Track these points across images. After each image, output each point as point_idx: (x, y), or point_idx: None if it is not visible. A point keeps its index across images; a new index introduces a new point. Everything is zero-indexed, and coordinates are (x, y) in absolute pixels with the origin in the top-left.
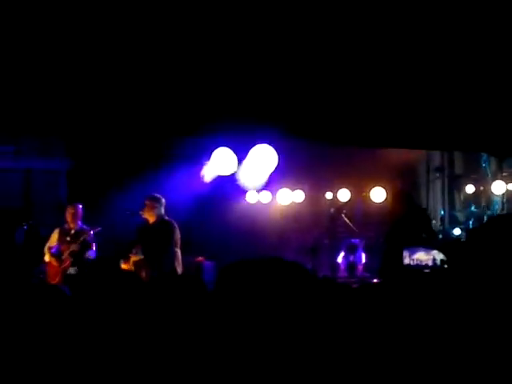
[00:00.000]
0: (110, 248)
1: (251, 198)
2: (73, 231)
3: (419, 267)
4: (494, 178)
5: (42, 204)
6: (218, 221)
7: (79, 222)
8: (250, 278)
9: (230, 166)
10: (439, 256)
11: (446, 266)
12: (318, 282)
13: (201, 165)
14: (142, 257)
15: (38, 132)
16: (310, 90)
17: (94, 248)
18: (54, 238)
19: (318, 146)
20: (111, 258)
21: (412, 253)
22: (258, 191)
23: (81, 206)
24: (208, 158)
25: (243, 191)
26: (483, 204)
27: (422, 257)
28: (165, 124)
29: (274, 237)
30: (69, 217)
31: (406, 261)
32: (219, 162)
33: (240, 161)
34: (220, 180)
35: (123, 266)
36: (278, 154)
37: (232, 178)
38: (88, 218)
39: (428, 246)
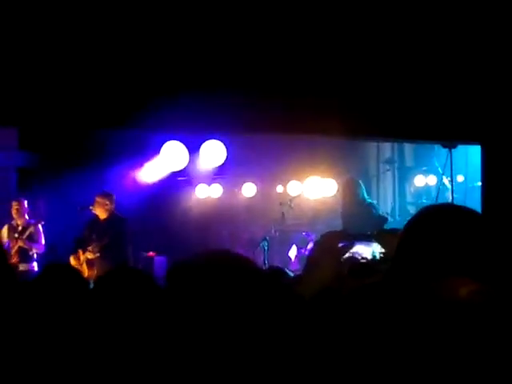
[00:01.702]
0: (60, 243)
1: (202, 192)
2: (20, 227)
3: (355, 260)
4: (444, 170)
5: None
6: (169, 215)
7: (26, 217)
8: (199, 274)
9: (180, 161)
10: (378, 249)
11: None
12: (267, 274)
13: (150, 159)
14: (97, 254)
15: None
16: (261, 79)
17: (43, 242)
18: (4, 234)
19: (267, 139)
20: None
21: (354, 246)
22: (209, 184)
23: (26, 201)
24: (157, 151)
25: (193, 185)
26: (434, 196)
27: (362, 249)
28: (113, 117)
29: (225, 231)
30: (14, 213)
31: (350, 253)
32: (169, 157)
33: (190, 154)
34: (170, 174)
35: (72, 261)
36: (228, 147)
37: (182, 171)
38: (36, 214)
39: (369, 240)
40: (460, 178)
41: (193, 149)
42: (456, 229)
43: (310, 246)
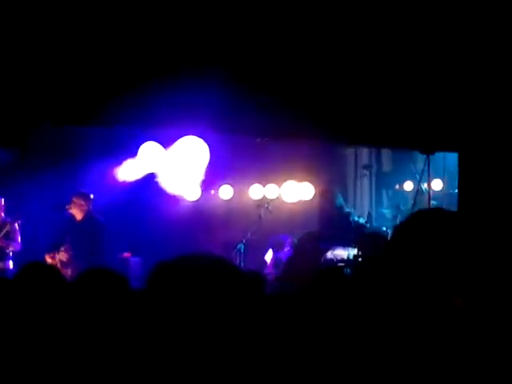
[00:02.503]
0: (36, 241)
1: (178, 193)
2: None
3: (337, 262)
4: (421, 176)
5: None
6: (145, 216)
7: (2, 215)
8: (181, 275)
9: (158, 162)
10: (353, 251)
11: (359, 259)
12: (247, 277)
13: (127, 159)
14: (70, 253)
15: None
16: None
17: (19, 240)
18: None
19: (244, 141)
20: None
21: (333, 250)
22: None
23: (2, 199)
24: (135, 150)
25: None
26: (411, 202)
27: (340, 252)
28: (91, 114)
29: (200, 233)
30: None
31: (329, 256)
32: (146, 158)
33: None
34: (147, 175)
35: (48, 260)
36: (208, 146)
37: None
38: (12, 212)
39: (345, 243)
40: (438, 185)
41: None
42: (447, 233)
43: (286, 249)
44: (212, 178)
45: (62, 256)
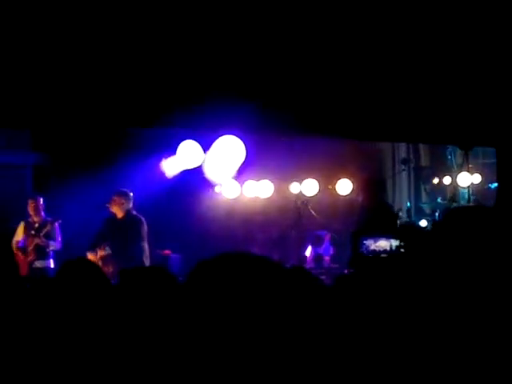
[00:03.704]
0: (76, 241)
1: (217, 190)
2: (37, 224)
3: (379, 253)
4: (460, 170)
5: (6, 199)
6: (185, 214)
7: (43, 215)
8: (225, 273)
9: (196, 159)
10: (395, 243)
11: (402, 250)
12: (289, 273)
13: (165, 157)
14: (109, 252)
15: (3, 125)
16: (279, 79)
17: (59, 239)
18: (20, 231)
19: (283, 138)
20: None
21: (375, 241)
22: (225, 183)
23: (41, 199)
24: (173, 149)
25: (210, 184)
26: (449, 196)
27: (383, 243)
28: (130, 114)
29: (240, 230)
30: (30, 210)
31: (372, 247)
32: (185, 155)
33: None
34: (186, 172)
35: (90, 257)
36: (244, 145)
37: (198, 170)
38: (54, 211)
39: (388, 235)
40: (477, 179)
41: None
42: (485, 230)
43: (325, 244)
44: (249, 175)
45: (102, 254)
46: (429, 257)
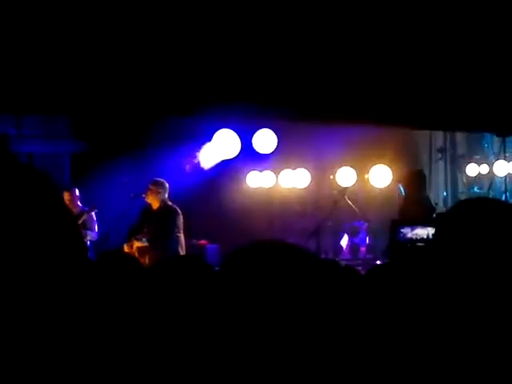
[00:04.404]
0: (113, 230)
1: (253, 180)
2: (73, 215)
3: (416, 241)
4: (497, 159)
5: None
6: (221, 204)
7: (79, 205)
8: (256, 262)
9: (233, 149)
10: (432, 231)
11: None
12: (322, 264)
13: (201, 147)
14: (146, 244)
15: (42, 112)
16: (313, 69)
17: (96, 229)
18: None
19: (319, 128)
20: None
21: (412, 229)
22: (261, 172)
23: (77, 190)
24: (208, 139)
25: (244, 173)
26: (486, 185)
27: (420, 231)
28: (167, 103)
29: (277, 220)
30: (67, 202)
31: (409, 235)
32: (222, 145)
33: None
34: (221, 162)
35: (126, 249)
36: (279, 135)
37: (235, 160)
38: (91, 200)
39: (425, 223)
40: None
41: (244, 137)
42: (488, 223)
43: (361, 235)
44: (286, 164)
45: (139, 245)
46: (432, 253)
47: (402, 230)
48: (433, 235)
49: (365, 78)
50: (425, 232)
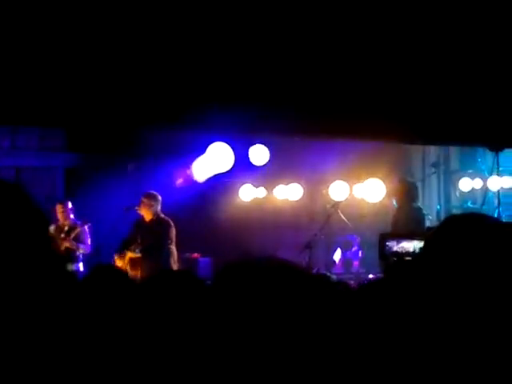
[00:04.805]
0: (106, 243)
1: (247, 194)
2: (66, 227)
3: (402, 254)
4: (490, 174)
5: (38, 202)
6: (213, 217)
7: (72, 218)
8: (247, 278)
9: (227, 162)
10: (419, 244)
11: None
12: (314, 280)
13: (193, 160)
14: (139, 255)
15: (36, 125)
16: (307, 83)
17: (89, 243)
18: (50, 235)
19: (312, 142)
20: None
21: (398, 242)
22: (255, 187)
23: (70, 203)
24: (202, 152)
25: (237, 186)
26: (480, 199)
27: (406, 245)
28: (160, 115)
29: (269, 233)
30: (59, 215)
31: (395, 249)
32: (216, 158)
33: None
34: (215, 175)
35: (117, 261)
36: (273, 147)
37: (227, 174)
38: (82, 214)
39: (411, 236)
40: (509, 182)
41: (237, 151)
42: (475, 238)
43: (354, 249)
44: (279, 178)
45: (131, 255)
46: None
47: (387, 244)
48: (420, 249)
49: (358, 92)
50: (411, 245)
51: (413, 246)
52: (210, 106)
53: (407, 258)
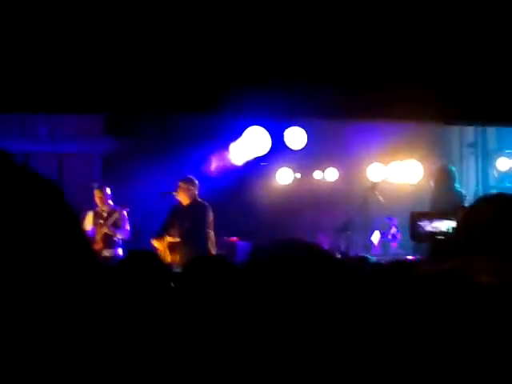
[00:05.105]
0: (144, 228)
1: (284, 177)
2: (105, 214)
3: (435, 234)
4: None
5: (76, 188)
6: (251, 200)
7: (110, 204)
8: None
9: (264, 146)
10: (452, 224)
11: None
12: (337, 264)
13: (230, 143)
14: (177, 239)
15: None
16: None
17: (128, 228)
18: (89, 221)
19: (349, 124)
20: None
21: (431, 222)
22: (292, 170)
23: (108, 188)
24: (238, 136)
25: (275, 170)
26: None
27: (439, 224)
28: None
29: (307, 216)
30: (98, 200)
31: (428, 228)
32: (253, 142)
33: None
34: (253, 159)
35: (155, 243)
36: (309, 131)
37: (264, 157)
38: (122, 199)
39: (442, 216)
40: None
41: (274, 134)
42: (506, 217)
43: (392, 230)
44: (316, 160)
45: (171, 239)
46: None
47: (419, 223)
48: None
49: (394, 72)
50: (443, 225)
51: (445, 225)
52: (245, 90)
53: (440, 237)
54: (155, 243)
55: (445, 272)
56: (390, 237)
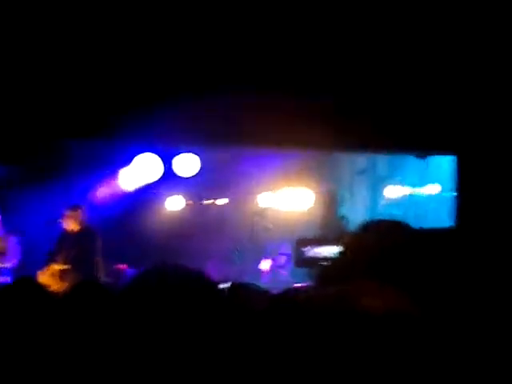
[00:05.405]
0: (33, 256)
1: (174, 204)
2: None
3: (318, 259)
4: (416, 181)
5: None
6: (141, 227)
7: None
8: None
9: (155, 173)
10: (334, 249)
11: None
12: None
13: (119, 169)
14: (66, 267)
15: None
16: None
17: (16, 255)
18: None
19: (240, 151)
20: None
21: (313, 248)
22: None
23: None
24: (127, 162)
25: (164, 197)
26: (406, 206)
27: (321, 250)
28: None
29: (196, 243)
30: None
31: (310, 254)
32: (144, 169)
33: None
34: (143, 186)
35: (40, 276)
36: (203, 159)
37: (152, 184)
38: (8, 227)
39: (325, 242)
40: (435, 189)
41: (166, 161)
42: (387, 242)
43: (282, 258)
44: (207, 187)
45: (58, 267)
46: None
47: (303, 249)
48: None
49: (281, 101)
50: (326, 250)
51: (328, 250)
52: (134, 117)
53: (323, 263)
54: (39, 274)
55: (327, 297)
56: (279, 264)
